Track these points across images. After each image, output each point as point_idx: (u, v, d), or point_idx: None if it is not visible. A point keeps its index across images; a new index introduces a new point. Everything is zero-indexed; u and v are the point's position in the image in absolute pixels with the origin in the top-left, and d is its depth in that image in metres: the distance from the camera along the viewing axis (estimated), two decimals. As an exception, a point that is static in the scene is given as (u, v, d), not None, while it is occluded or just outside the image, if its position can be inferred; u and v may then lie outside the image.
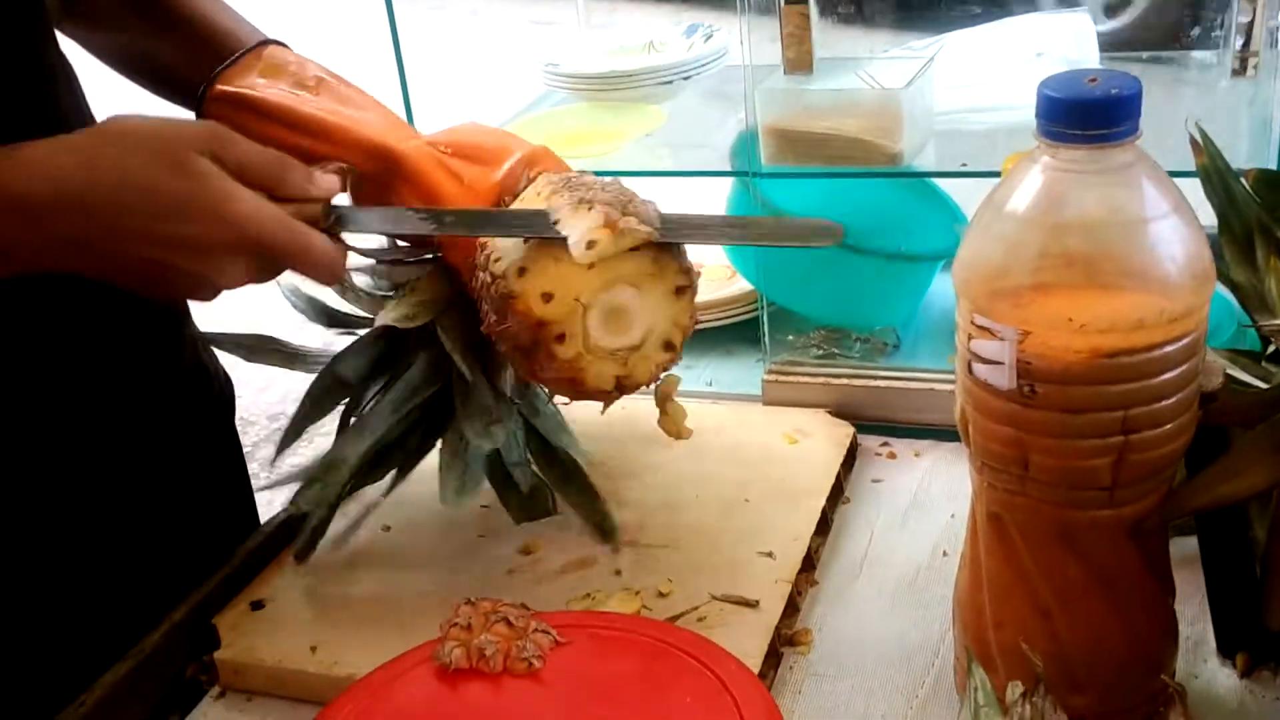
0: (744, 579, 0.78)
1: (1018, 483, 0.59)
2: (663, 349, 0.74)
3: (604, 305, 0.71)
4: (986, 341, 0.57)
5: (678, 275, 0.73)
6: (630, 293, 0.72)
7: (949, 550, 0.82)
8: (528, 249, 0.70)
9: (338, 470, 0.79)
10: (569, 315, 0.70)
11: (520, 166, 0.78)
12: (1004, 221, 0.57)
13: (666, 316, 0.73)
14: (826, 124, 0.92)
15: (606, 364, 0.73)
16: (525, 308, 0.70)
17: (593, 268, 0.69)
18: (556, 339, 0.70)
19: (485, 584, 0.81)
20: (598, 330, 0.72)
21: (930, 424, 0.94)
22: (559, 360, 0.71)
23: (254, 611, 0.81)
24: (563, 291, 0.70)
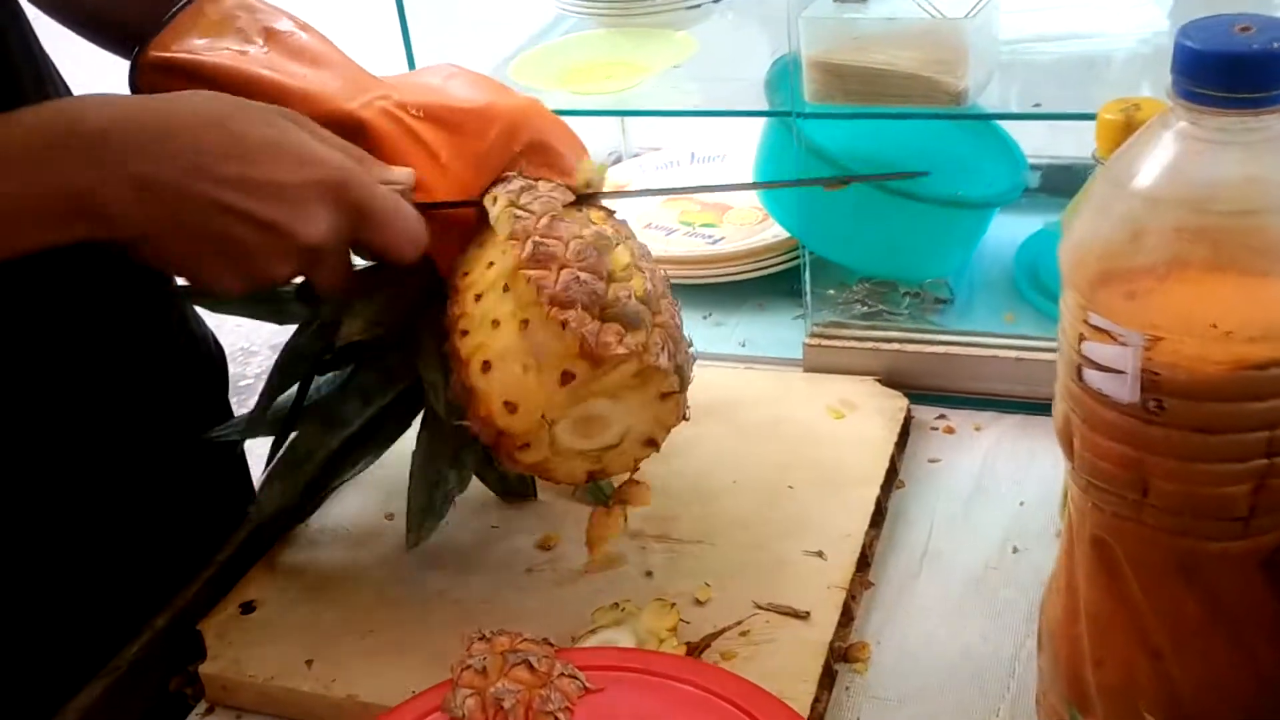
0: (791, 583, 0.69)
1: (1132, 508, 0.50)
2: (644, 445, 0.66)
3: (575, 416, 0.62)
4: (1103, 346, 0.47)
5: (664, 382, 0.63)
6: (606, 404, 0.63)
7: (1020, 545, 0.73)
8: (496, 337, 0.61)
9: (302, 467, 0.71)
10: (534, 429, 0.61)
11: (507, 135, 0.67)
12: (1129, 200, 0.47)
13: (649, 418, 0.65)
14: (880, 57, 0.81)
15: (577, 462, 0.65)
16: (487, 412, 0.61)
17: (565, 383, 0.60)
18: (519, 447, 0.62)
19: (501, 585, 0.72)
20: (568, 437, 0.63)
21: (991, 394, 0.85)
22: (521, 464, 0.64)
23: (244, 616, 0.73)
24: (528, 406, 0.61)
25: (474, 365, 0.61)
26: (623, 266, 0.63)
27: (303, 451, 0.71)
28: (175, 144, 0.57)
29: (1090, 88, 0.83)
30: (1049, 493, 0.76)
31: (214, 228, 0.58)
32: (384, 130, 0.66)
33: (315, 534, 0.79)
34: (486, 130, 0.67)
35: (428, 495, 0.71)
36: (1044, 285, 0.95)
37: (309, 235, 0.60)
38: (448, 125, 0.67)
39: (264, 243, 0.59)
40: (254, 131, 0.59)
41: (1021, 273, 0.97)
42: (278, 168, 0.59)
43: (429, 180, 0.65)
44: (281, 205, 0.59)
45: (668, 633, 0.64)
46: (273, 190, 0.58)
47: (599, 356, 0.59)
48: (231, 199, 0.58)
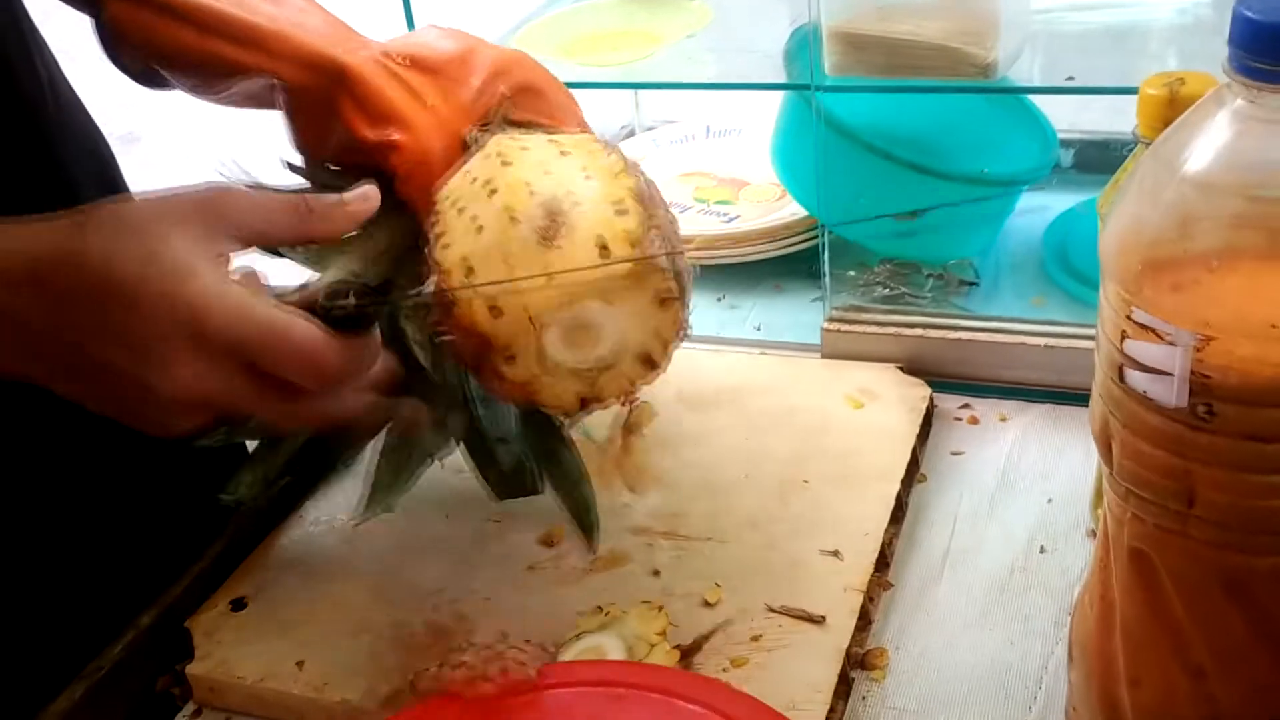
0: (806, 585, 0.66)
1: (1175, 520, 0.46)
2: (640, 364, 0.60)
3: (565, 322, 0.57)
4: (1149, 345, 0.43)
5: (662, 283, 0.58)
6: (599, 307, 0.57)
7: (1047, 545, 0.69)
8: (479, 239, 0.57)
9: (278, 454, 0.66)
10: (521, 333, 0.56)
11: (492, 78, 0.65)
12: (1178, 185, 0.43)
13: (645, 329, 0.59)
14: (905, 27, 0.77)
15: (568, 382, 0.59)
16: (468, 320, 0.56)
17: (551, 281, 0.56)
18: (505, 359, 0.57)
19: (501, 583, 0.69)
20: (556, 348, 0.57)
21: (1018, 382, 0.81)
22: (508, 381, 0.58)
23: (234, 613, 0.70)
24: (514, 306, 0.56)
25: (456, 273, 0.57)
26: (616, 172, 0.59)
27: (279, 437, 0.66)
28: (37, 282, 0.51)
29: (1127, 59, 0.79)
30: (1079, 489, 0.72)
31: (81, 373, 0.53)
32: (368, 75, 0.62)
33: (309, 526, 0.75)
34: (470, 75, 0.64)
35: (394, 468, 0.66)
36: (1074, 267, 0.91)
37: (179, 392, 0.53)
38: (432, 71, 0.64)
39: (136, 396, 0.53)
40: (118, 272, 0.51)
41: (1051, 254, 0.93)
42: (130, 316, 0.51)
43: (417, 123, 0.62)
44: (144, 361, 0.52)
45: (657, 637, 0.61)
46: (129, 339, 0.52)
47: None
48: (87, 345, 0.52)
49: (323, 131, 0.65)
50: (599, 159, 0.60)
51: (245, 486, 0.66)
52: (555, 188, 0.58)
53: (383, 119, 0.63)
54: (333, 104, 0.64)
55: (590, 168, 0.59)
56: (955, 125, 0.90)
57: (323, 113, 0.64)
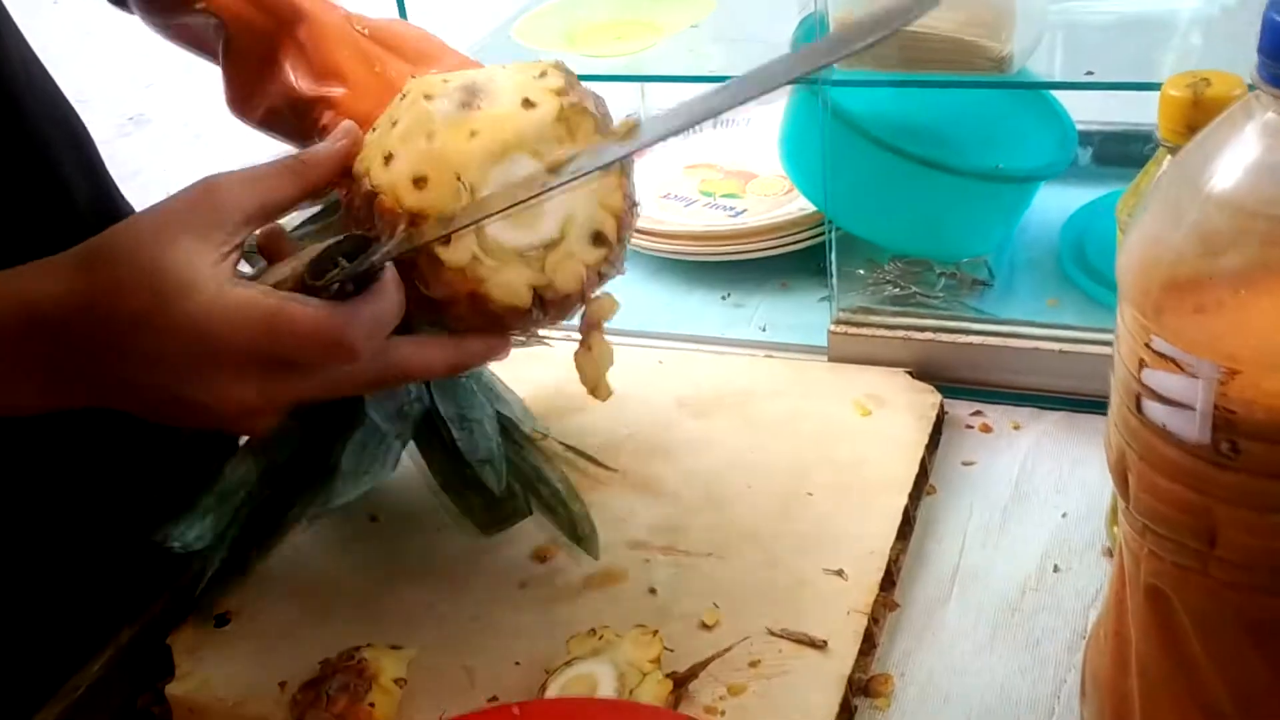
0: (808, 606, 0.63)
1: (1195, 559, 0.43)
2: (591, 243, 0.55)
3: (498, 186, 0.53)
4: (1169, 375, 0.40)
5: (596, 137, 0.54)
6: (532, 165, 0.53)
7: (1061, 563, 0.66)
8: (394, 131, 0.54)
9: (233, 498, 0.63)
10: (450, 202, 0.52)
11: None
12: (1202, 203, 0.40)
13: (588, 197, 0.54)
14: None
15: (515, 269, 0.54)
16: (393, 201, 0.52)
17: (475, 135, 0.52)
18: (440, 242, 0.52)
19: (492, 601, 0.66)
20: (498, 227, 0.53)
21: (1032, 389, 0.78)
22: (448, 269, 0.53)
23: (217, 629, 0.67)
24: (438, 170, 0.52)
25: (373, 169, 0.54)
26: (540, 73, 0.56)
27: (236, 481, 0.64)
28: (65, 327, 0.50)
29: (1148, 52, 0.75)
30: (1094, 503, 0.69)
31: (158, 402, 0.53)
32: (326, 29, 0.60)
33: (296, 537, 0.73)
34: (429, 62, 0.62)
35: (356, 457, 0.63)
36: (1091, 265, 0.88)
37: (225, 406, 0.52)
38: (389, 47, 0.62)
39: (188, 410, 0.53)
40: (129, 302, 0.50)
41: (1067, 251, 0.90)
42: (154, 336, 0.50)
43: (358, 83, 0.60)
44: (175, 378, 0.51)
45: (650, 665, 0.58)
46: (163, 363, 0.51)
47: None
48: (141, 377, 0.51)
49: (257, 82, 0.63)
50: (532, 81, 0.56)
51: (192, 536, 0.62)
52: (472, 75, 0.55)
53: (324, 74, 0.60)
54: (275, 51, 0.61)
55: (515, 68, 0.56)
56: (968, 118, 0.87)
57: (262, 61, 0.62)
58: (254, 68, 0.62)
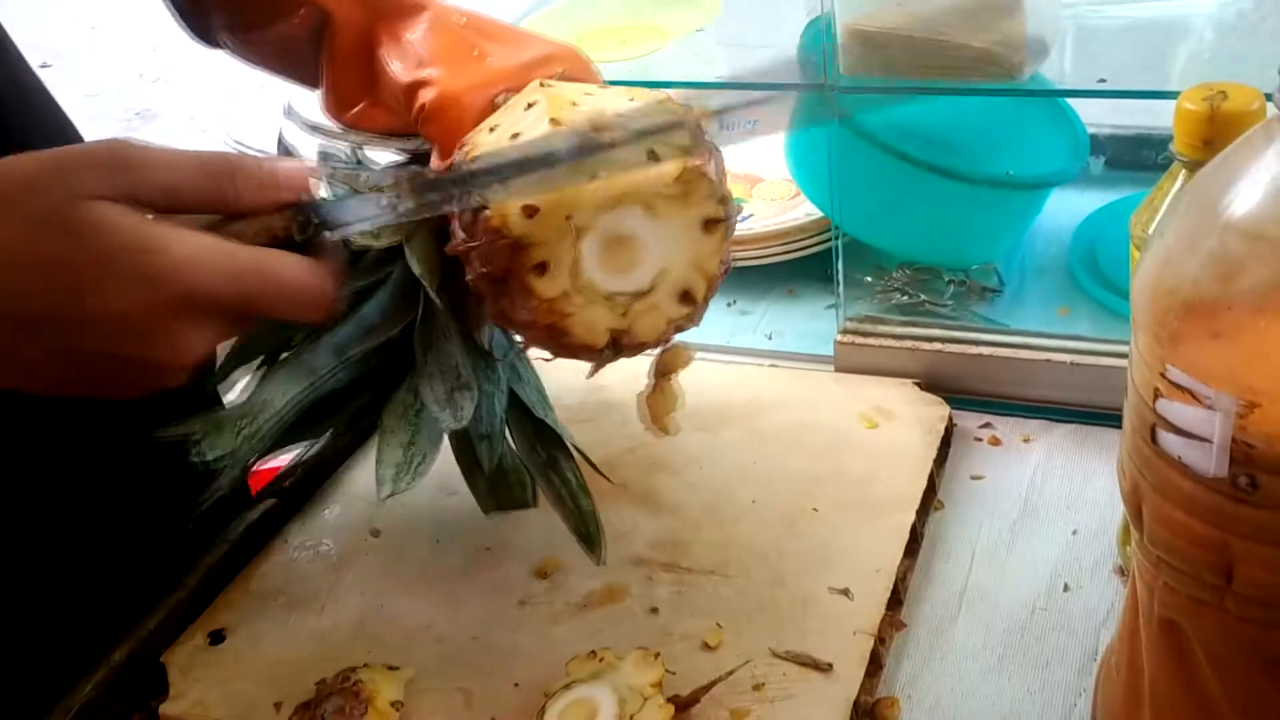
0: (813, 627, 0.62)
1: (1212, 594, 0.42)
2: (678, 300, 0.55)
3: (605, 230, 0.52)
4: (1185, 407, 0.39)
5: (711, 202, 0.53)
6: (642, 218, 0.53)
7: (1071, 582, 0.65)
8: (514, 146, 0.53)
9: (256, 417, 0.60)
10: (556, 237, 0.52)
11: (545, 60, 0.61)
12: (1220, 231, 0.38)
13: (688, 257, 0.54)
14: (926, 26, 0.72)
15: (600, 310, 0.54)
16: (500, 222, 0.52)
17: (595, 178, 0.51)
18: (536, 269, 0.52)
19: (490, 621, 0.65)
20: (593, 263, 0.53)
21: (1042, 400, 0.76)
22: (537, 298, 0.53)
23: (212, 646, 0.66)
24: (552, 204, 0.51)
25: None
26: (661, 99, 0.55)
27: (262, 400, 0.61)
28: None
29: (1163, 58, 0.74)
30: (1106, 519, 0.68)
31: (69, 375, 0.49)
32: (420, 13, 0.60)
33: (293, 551, 0.72)
34: (523, 48, 0.61)
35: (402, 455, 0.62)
36: (1103, 273, 0.86)
37: (179, 359, 0.49)
38: (488, 35, 0.61)
39: (132, 371, 0.49)
40: (65, 259, 0.46)
41: (1078, 258, 0.88)
42: (108, 294, 0.46)
43: (455, 66, 0.59)
44: (130, 338, 0.47)
45: (651, 689, 0.57)
46: (111, 324, 0.46)
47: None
48: (74, 343, 0.47)
49: (356, 79, 0.62)
50: (644, 93, 0.56)
51: (215, 448, 0.59)
52: (600, 104, 0.54)
53: (421, 62, 0.60)
54: (374, 48, 0.61)
55: (635, 94, 0.55)
56: (978, 124, 0.85)
57: (362, 58, 0.62)
58: (354, 65, 0.62)
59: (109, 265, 0.46)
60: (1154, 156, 0.92)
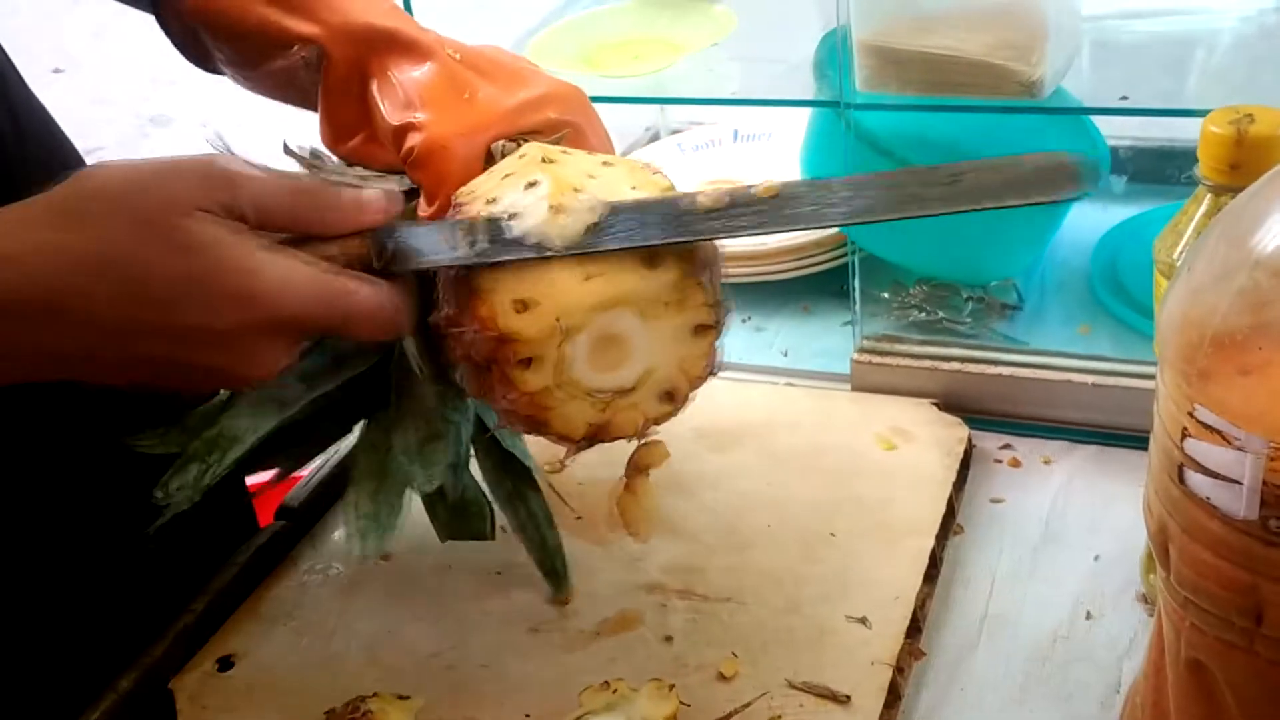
0: (831, 657, 0.61)
1: (1241, 636, 0.41)
2: (660, 399, 0.55)
3: (595, 330, 0.52)
4: (1213, 448, 0.38)
5: (703, 310, 0.53)
6: (634, 321, 0.52)
7: (1094, 610, 0.64)
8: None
9: (225, 453, 0.60)
10: (544, 337, 0.51)
11: (540, 102, 0.59)
12: (1251, 269, 0.37)
13: (674, 358, 0.54)
14: (944, 41, 0.71)
15: (581, 405, 0.53)
16: (489, 312, 0.51)
17: (591, 279, 0.51)
18: (520, 363, 0.51)
19: (502, 648, 0.64)
20: (579, 360, 0.52)
21: (1063, 421, 0.75)
22: (519, 391, 0.52)
23: (221, 673, 0.66)
24: (544, 303, 0.51)
25: (480, 267, 0.52)
26: (664, 188, 0.55)
27: (229, 434, 0.61)
28: (79, 312, 0.47)
29: (1186, 74, 0.72)
30: (1129, 545, 0.67)
31: (148, 374, 0.50)
32: (414, 49, 0.59)
33: (303, 575, 0.71)
34: (523, 88, 0.60)
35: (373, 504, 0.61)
36: (1125, 289, 0.85)
37: (259, 375, 0.51)
38: (482, 73, 0.60)
39: (209, 379, 0.52)
40: (163, 269, 0.48)
41: (1099, 274, 0.87)
42: (204, 311, 0.48)
43: (445, 109, 0.58)
44: (219, 351, 0.50)
45: (664, 721, 0.56)
46: (202, 338, 0.49)
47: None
48: (158, 350, 0.49)
49: (351, 116, 0.61)
50: (646, 175, 0.55)
51: (184, 487, 0.60)
52: (602, 192, 0.53)
53: (411, 102, 0.58)
54: (367, 82, 0.60)
55: (638, 182, 0.54)
56: (996, 138, 0.83)
57: (356, 92, 0.60)
58: (349, 100, 0.61)
59: (208, 283, 0.48)
60: (1176, 170, 0.91)
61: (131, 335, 0.49)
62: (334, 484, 0.77)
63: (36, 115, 0.69)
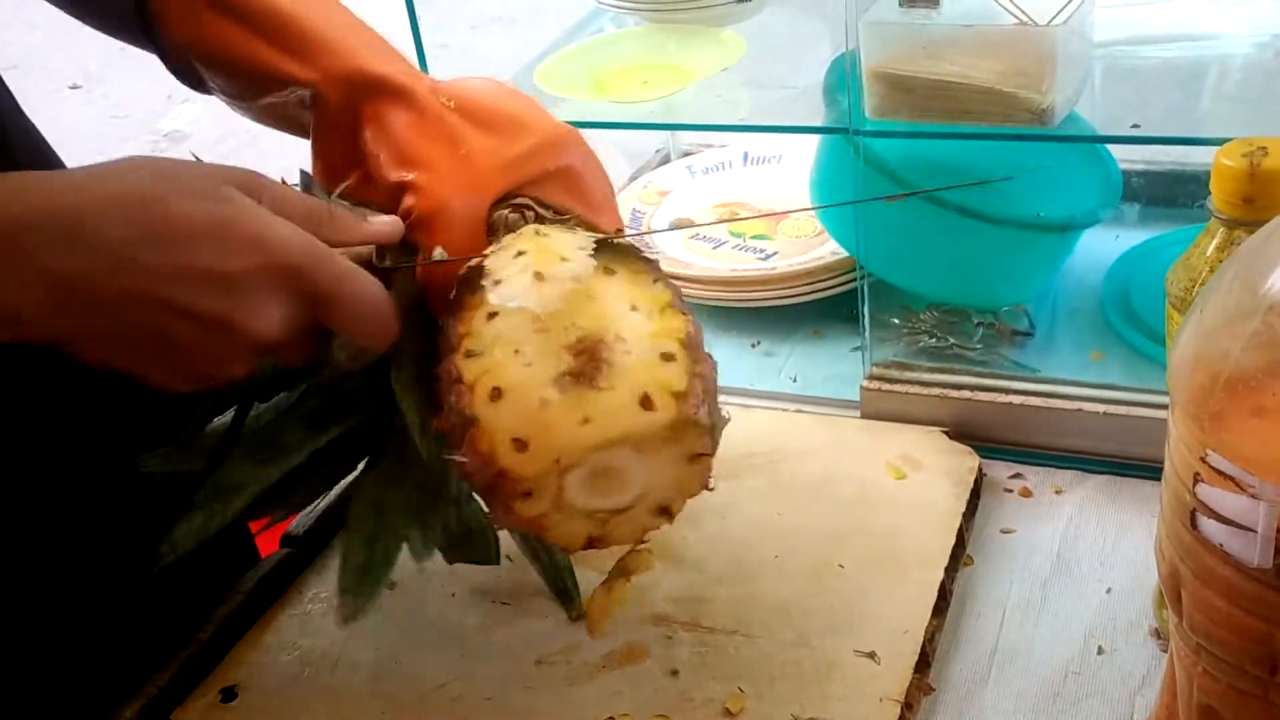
0: (838, 691, 0.60)
1: (1256, 685, 0.40)
2: (656, 514, 0.56)
3: (592, 465, 0.52)
4: (1227, 494, 0.37)
5: (698, 441, 0.54)
6: (630, 455, 0.53)
7: (1106, 644, 0.63)
8: (512, 363, 0.52)
9: (230, 502, 0.60)
10: (543, 474, 0.52)
11: (539, 152, 0.59)
12: (1266, 314, 0.37)
13: (670, 482, 0.55)
14: (953, 68, 0.71)
15: (579, 523, 0.54)
16: (489, 448, 0.51)
17: (589, 423, 0.51)
18: (520, 496, 0.52)
19: (507, 680, 0.64)
20: (576, 490, 0.53)
21: (1075, 451, 0.75)
22: (516, 515, 0.53)
23: (224, 704, 0.65)
24: (542, 444, 0.51)
25: (480, 390, 0.52)
26: (662, 305, 0.55)
27: (232, 482, 0.61)
28: (89, 233, 0.48)
29: (1199, 101, 0.72)
30: (1141, 578, 0.66)
31: (145, 326, 0.50)
32: (407, 99, 0.59)
33: (308, 604, 0.71)
34: (518, 139, 0.59)
35: (367, 552, 0.60)
36: (1137, 316, 0.84)
37: (259, 330, 0.51)
38: (478, 122, 0.59)
39: (209, 340, 0.51)
40: (190, 210, 0.50)
41: (1111, 300, 0.86)
42: (219, 253, 0.50)
43: (441, 168, 0.58)
44: (225, 297, 0.50)
45: (673, 759, 0.56)
46: (213, 279, 0.50)
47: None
48: (163, 291, 0.49)
49: (344, 157, 0.61)
50: (645, 286, 0.55)
51: (189, 536, 0.59)
52: (600, 324, 0.53)
53: (405, 160, 0.58)
54: (359, 127, 0.59)
55: (637, 298, 0.55)
56: (1007, 165, 0.83)
57: (348, 136, 0.60)
58: (340, 145, 0.61)
59: (225, 226, 0.50)
60: (1189, 195, 0.90)
61: (140, 272, 0.49)
62: (339, 512, 0.76)
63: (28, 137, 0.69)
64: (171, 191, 0.50)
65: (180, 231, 0.49)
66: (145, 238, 0.49)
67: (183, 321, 0.50)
